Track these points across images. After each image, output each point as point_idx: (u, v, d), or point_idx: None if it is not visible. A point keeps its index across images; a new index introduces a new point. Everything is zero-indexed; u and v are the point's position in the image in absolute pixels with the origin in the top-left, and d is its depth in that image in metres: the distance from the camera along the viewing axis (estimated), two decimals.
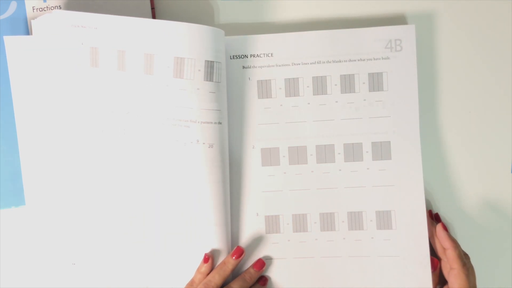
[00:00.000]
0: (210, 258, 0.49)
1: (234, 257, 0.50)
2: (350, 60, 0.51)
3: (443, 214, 0.54)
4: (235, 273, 0.52)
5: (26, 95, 0.51)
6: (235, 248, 0.50)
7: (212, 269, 0.50)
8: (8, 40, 0.50)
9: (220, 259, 0.50)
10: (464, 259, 0.48)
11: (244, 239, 0.52)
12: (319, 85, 0.51)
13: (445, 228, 0.50)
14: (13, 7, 0.52)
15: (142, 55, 0.47)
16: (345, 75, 0.51)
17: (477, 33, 0.53)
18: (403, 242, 0.51)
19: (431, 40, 0.53)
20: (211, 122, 0.48)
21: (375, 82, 0.51)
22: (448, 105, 0.53)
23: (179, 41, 0.46)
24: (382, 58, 0.51)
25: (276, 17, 0.54)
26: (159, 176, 0.49)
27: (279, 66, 0.51)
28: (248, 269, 0.51)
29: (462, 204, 0.54)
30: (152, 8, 0.52)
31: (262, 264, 0.51)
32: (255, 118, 0.52)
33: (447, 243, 0.49)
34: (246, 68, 0.52)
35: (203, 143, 0.48)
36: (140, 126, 0.49)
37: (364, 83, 0.51)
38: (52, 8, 0.52)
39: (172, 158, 0.49)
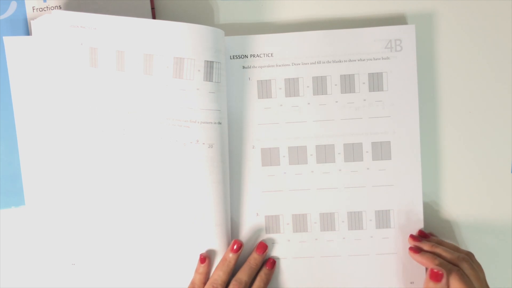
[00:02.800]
0: (206, 258, 0.49)
1: (234, 249, 0.49)
2: (350, 60, 0.51)
3: (443, 214, 0.54)
4: (235, 271, 0.52)
5: (25, 95, 0.51)
6: (232, 241, 0.50)
7: (209, 268, 0.50)
8: (8, 40, 0.50)
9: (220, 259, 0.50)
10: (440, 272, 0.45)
11: (244, 239, 0.52)
12: (319, 85, 0.51)
13: (415, 251, 0.49)
14: (13, 7, 0.52)
15: (141, 55, 0.47)
16: (345, 75, 0.51)
17: (477, 33, 0.53)
18: (401, 239, 0.52)
19: (431, 40, 0.53)
20: (211, 122, 0.48)
21: (375, 82, 0.51)
22: (448, 105, 0.53)
23: (179, 41, 0.46)
24: (382, 58, 0.51)
25: (276, 17, 0.54)
26: (159, 176, 0.49)
27: (279, 66, 0.51)
28: (251, 254, 0.51)
29: (462, 204, 0.54)
30: (152, 8, 0.52)
31: (264, 246, 0.51)
32: (255, 118, 0.52)
33: (424, 264, 0.49)
34: (246, 68, 0.51)
35: (203, 143, 0.48)
36: (140, 126, 0.49)
37: (364, 83, 0.51)
38: (52, 8, 0.52)
39: (172, 158, 0.49)
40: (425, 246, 0.50)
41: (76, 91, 0.49)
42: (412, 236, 0.51)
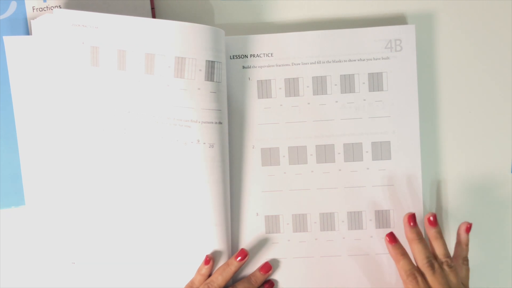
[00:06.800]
0: (211, 260, 0.49)
1: (238, 259, 0.49)
2: (350, 60, 0.51)
3: (443, 215, 0.54)
4: (236, 276, 0.52)
5: (26, 95, 0.51)
6: (239, 250, 0.50)
7: (212, 271, 0.50)
8: (8, 40, 0.50)
9: (220, 259, 0.50)
10: (410, 273, 0.46)
11: (244, 239, 0.52)
12: (319, 85, 0.51)
13: (392, 240, 0.49)
14: (13, 7, 0.52)
15: (143, 55, 0.47)
16: (345, 75, 0.51)
17: (477, 33, 0.53)
18: (400, 239, 0.51)
19: (431, 40, 0.53)
20: (212, 122, 0.48)
21: (375, 82, 0.51)
22: (448, 105, 0.53)
23: (180, 41, 0.46)
24: (382, 58, 0.51)
25: (276, 17, 0.54)
26: (160, 176, 0.49)
27: (279, 66, 0.51)
28: (254, 271, 0.51)
29: (461, 204, 0.54)
30: (152, 8, 0.52)
31: (268, 267, 0.51)
32: (255, 118, 0.52)
33: (390, 255, 0.49)
34: (246, 68, 0.52)
35: (204, 143, 0.48)
36: (140, 125, 0.49)
37: (364, 83, 0.51)
38: (52, 8, 0.52)
39: (173, 158, 0.49)
40: (409, 235, 0.49)
41: (77, 91, 0.49)
42: (409, 218, 0.49)
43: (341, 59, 0.51)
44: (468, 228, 0.49)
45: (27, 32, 0.52)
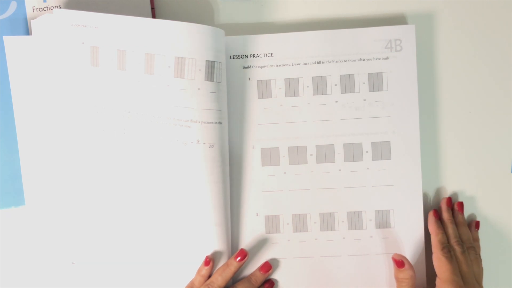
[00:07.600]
0: (211, 261, 0.49)
1: (237, 260, 0.49)
2: (350, 60, 0.51)
3: None
4: (236, 276, 0.52)
5: (26, 95, 0.51)
6: (239, 250, 0.50)
7: (212, 271, 0.50)
8: (8, 40, 0.50)
9: (220, 259, 0.50)
10: (445, 246, 0.49)
11: (244, 239, 0.52)
12: (319, 85, 0.51)
13: (437, 215, 0.51)
14: (13, 7, 0.52)
15: (142, 55, 0.47)
16: (345, 75, 0.51)
17: (477, 33, 0.53)
18: (401, 239, 0.52)
19: (431, 40, 0.53)
20: (212, 122, 0.48)
21: (375, 82, 0.51)
22: (448, 105, 0.53)
23: (180, 41, 0.46)
24: (382, 58, 0.51)
25: (276, 17, 0.54)
26: (159, 176, 0.49)
27: (279, 66, 0.51)
28: (254, 271, 0.51)
29: None
30: (152, 8, 0.52)
31: (268, 267, 0.51)
32: (255, 118, 0.52)
33: (430, 228, 0.51)
34: (246, 68, 0.52)
35: (204, 143, 0.48)
36: (140, 126, 0.49)
37: (364, 83, 0.51)
38: (52, 8, 0.52)
39: (173, 158, 0.49)
40: (446, 215, 0.51)
41: (76, 91, 0.49)
42: (447, 200, 0.53)
43: (341, 59, 0.51)
44: (477, 225, 0.53)
45: (27, 32, 0.52)
